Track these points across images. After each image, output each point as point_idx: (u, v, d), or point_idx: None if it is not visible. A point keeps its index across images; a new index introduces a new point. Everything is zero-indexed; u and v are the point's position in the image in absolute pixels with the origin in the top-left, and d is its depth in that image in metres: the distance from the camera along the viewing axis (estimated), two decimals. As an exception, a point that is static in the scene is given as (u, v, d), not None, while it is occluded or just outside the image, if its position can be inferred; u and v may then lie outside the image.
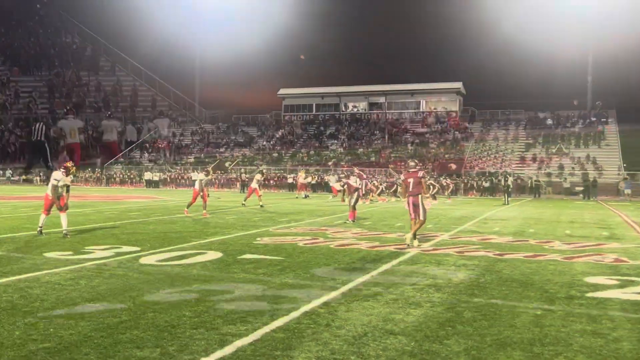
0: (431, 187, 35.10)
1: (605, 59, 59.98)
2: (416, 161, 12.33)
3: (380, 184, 33.92)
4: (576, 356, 4.76)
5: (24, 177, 57.64)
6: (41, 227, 12.31)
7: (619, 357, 4.80)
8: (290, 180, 49.19)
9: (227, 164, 60.69)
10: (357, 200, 17.06)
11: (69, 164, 12.16)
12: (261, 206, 23.30)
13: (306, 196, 35.64)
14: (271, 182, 51.29)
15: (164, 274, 7.93)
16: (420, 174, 11.65)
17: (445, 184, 37.04)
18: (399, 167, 53.87)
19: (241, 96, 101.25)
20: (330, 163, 57.08)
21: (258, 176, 24.65)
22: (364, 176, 28.79)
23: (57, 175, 12.04)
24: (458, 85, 66.26)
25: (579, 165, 50.31)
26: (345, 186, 17.81)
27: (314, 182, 46.60)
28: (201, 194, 18.58)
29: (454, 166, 53.39)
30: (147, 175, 53.97)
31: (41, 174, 57.76)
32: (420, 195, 11.41)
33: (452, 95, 66.07)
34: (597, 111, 59.45)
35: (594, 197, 41.45)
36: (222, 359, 4.54)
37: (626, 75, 62.81)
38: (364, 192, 26.17)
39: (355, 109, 70.16)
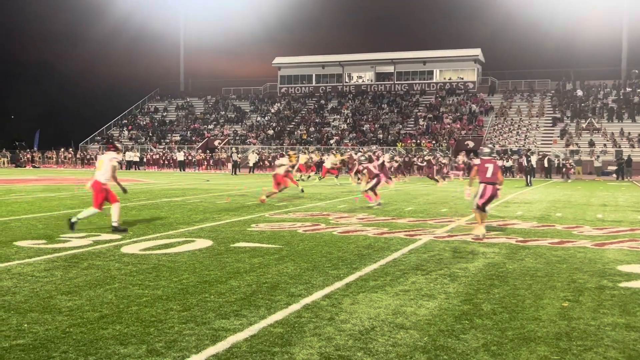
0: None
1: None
2: (491, 147, 12.23)
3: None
4: (607, 351, 4.82)
5: None
6: (78, 219, 11.05)
7: (654, 352, 4.85)
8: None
9: (216, 143, 60.74)
10: (375, 185, 17.05)
11: (118, 145, 11.87)
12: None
13: (313, 177, 34.84)
14: (266, 162, 51.37)
15: (148, 264, 7.99)
16: (500, 162, 11.74)
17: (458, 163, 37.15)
18: (409, 144, 53.87)
19: (232, 66, 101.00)
20: (332, 141, 57.07)
21: (284, 160, 22.31)
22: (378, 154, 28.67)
23: (114, 155, 11.34)
24: (476, 52, 66.01)
25: (612, 141, 50.27)
26: (365, 171, 17.89)
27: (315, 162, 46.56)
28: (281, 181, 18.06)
29: (471, 143, 53.38)
30: (127, 156, 53.99)
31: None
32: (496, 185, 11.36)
33: (469, 63, 65.84)
34: (632, 81, 59.21)
35: (629, 177, 41.46)
36: (215, 356, 4.60)
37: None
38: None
39: (360, 80, 70.01)
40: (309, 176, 35.54)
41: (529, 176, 31.53)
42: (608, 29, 64.10)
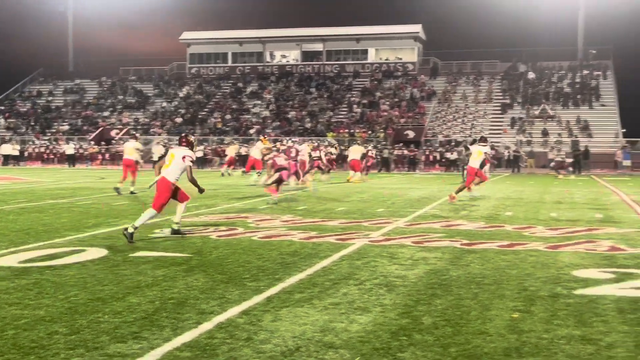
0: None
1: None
2: None
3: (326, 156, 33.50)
4: (561, 367, 4.98)
5: None
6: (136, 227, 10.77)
7: (612, 367, 5.05)
8: (199, 154, 48.77)
9: (113, 133, 59.59)
10: (278, 181, 18.08)
11: (192, 138, 11.68)
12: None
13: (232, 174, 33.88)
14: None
15: (28, 278, 7.77)
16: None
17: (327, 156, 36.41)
18: (342, 134, 54.26)
19: (131, 42, 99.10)
20: (252, 130, 56.90)
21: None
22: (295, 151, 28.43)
23: (189, 154, 11.25)
24: (416, 28, 67.06)
25: (567, 130, 52.07)
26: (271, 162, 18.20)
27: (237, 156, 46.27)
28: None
29: (411, 133, 54.24)
30: (3, 149, 52.34)
31: None
32: None
33: (408, 41, 66.86)
34: (589, 62, 61.41)
35: (586, 170, 42.99)
36: (109, 387, 4.52)
37: (628, 18, 64.96)
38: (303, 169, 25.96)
39: (284, 60, 70.07)
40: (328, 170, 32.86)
41: (464, 171, 31.44)
42: (563, 4, 66.23)
